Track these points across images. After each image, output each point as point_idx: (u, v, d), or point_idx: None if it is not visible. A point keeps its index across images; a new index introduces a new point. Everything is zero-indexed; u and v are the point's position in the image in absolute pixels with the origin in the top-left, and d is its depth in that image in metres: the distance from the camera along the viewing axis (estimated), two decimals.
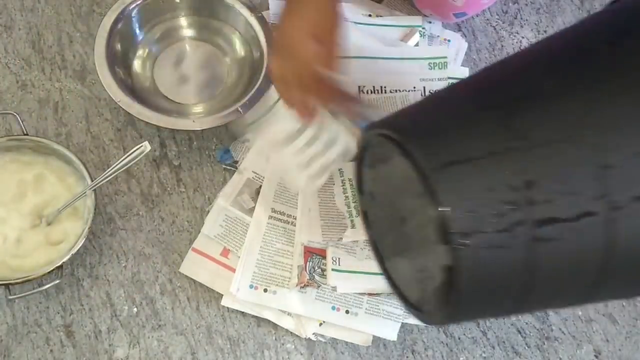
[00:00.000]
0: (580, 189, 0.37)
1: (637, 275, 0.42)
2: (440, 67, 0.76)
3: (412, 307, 0.47)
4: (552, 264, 0.39)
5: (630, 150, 0.38)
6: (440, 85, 0.76)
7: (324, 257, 0.65)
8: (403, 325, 0.66)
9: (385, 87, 0.74)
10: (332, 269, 0.64)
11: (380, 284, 0.64)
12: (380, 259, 0.51)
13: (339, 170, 0.69)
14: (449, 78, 0.76)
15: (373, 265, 0.64)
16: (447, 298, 0.40)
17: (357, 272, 0.65)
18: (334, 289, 0.64)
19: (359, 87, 0.73)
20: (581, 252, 0.39)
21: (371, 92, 0.74)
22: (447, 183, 0.38)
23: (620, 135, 0.38)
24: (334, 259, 0.65)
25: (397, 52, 0.76)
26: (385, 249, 0.52)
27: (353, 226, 0.66)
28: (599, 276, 0.41)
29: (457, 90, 0.46)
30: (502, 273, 0.39)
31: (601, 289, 0.43)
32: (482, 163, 0.38)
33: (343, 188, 0.68)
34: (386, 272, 0.51)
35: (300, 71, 0.54)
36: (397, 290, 0.49)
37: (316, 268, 0.65)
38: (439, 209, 0.37)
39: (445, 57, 0.77)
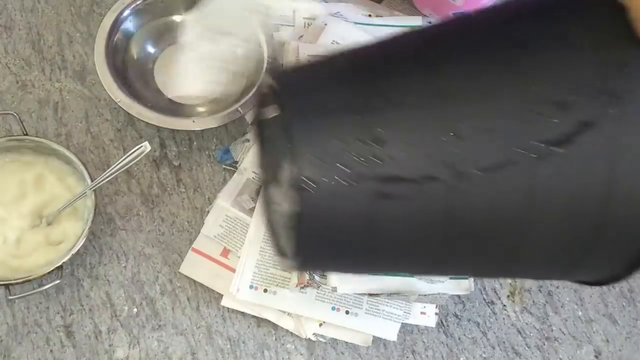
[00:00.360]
0: (427, 153, 0.39)
1: (481, 248, 0.44)
2: None
3: (280, 253, 0.49)
4: (394, 223, 0.41)
5: (480, 124, 0.39)
6: None
7: None
8: (403, 325, 0.66)
9: None
10: None
11: (381, 284, 0.64)
12: (267, 205, 0.52)
13: None
14: None
15: None
16: (297, 244, 0.42)
17: None
18: (334, 289, 0.64)
19: None
20: (423, 215, 0.41)
21: None
22: (303, 128, 0.40)
23: (474, 110, 0.40)
24: None
25: None
26: (269, 196, 0.54)
27: None
28: (442, 243, 0.43)
29: (351, 52, 0.48)
30: (345, 224, 0.41)
31: (448, 258, 0.45)
32: (340, 115, 0.40)
33: None
34: (269, 221, 0.52)
35: None
36: (272, 236, 0.51)
37: None
38: (291, 153, 0.39)
39: None
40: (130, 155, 0.60)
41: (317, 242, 0.42)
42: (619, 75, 0.38)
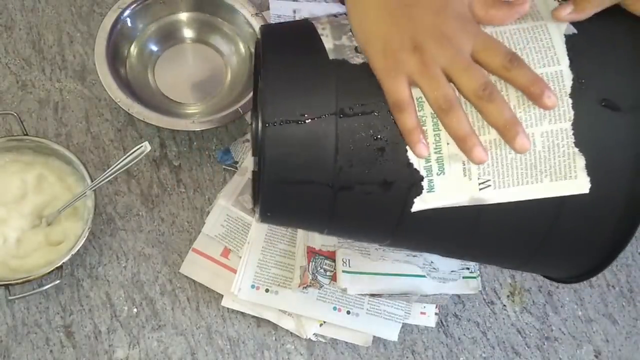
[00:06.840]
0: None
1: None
2: None
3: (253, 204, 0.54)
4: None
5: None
6: None
7: (328, 258, 0.65)
8: (403, 325, 0.66)
9: None
10: (343, 271, 0.63)
11: (389, 284, 0.63)
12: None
13: None
14: None
15: (384, 266, 0.64)
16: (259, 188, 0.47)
17: (367, 272, 0.64)
18: (344, 290, 0.63)
19: None
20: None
21: None
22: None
23: None
24: (344, 261, 0.64)
25: None
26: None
27: None
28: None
29: None
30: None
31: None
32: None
33: None
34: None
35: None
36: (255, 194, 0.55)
37: (319, 268, 0.64)
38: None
39: None
40: (130, 155, 0.60)
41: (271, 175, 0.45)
42: None
